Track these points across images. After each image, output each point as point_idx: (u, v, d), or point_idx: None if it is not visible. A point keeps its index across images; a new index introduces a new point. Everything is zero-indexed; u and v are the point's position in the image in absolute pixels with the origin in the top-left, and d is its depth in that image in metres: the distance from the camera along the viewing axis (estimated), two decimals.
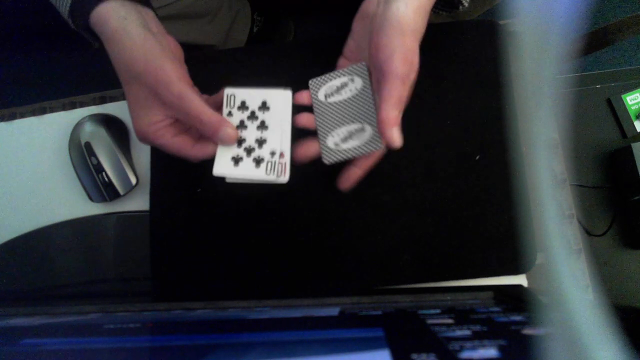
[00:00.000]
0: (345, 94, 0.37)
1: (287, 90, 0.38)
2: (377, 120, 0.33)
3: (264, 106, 0.37)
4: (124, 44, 0.33)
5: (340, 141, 0.37)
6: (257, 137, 0.37)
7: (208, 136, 0.35)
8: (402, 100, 0.33)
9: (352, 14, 0.38)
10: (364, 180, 0.43)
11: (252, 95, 0.38)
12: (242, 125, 0.37)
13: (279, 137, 0.37)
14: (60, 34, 1.08)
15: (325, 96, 0.38)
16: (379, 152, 0.37)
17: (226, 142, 0.36)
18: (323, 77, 0.39)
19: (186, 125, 0.37)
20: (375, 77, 0.35)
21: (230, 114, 0.37)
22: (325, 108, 0.38)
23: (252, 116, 0.37)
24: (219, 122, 0.34)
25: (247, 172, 0.36)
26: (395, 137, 0.32)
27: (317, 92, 0.38)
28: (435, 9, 0.43)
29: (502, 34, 0.44)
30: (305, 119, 0.39)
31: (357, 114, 0.37)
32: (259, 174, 0.36)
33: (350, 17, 0.38)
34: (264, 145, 0.37)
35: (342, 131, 0.37)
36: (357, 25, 0.37)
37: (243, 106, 0.37)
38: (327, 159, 0.37)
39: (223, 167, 0.37)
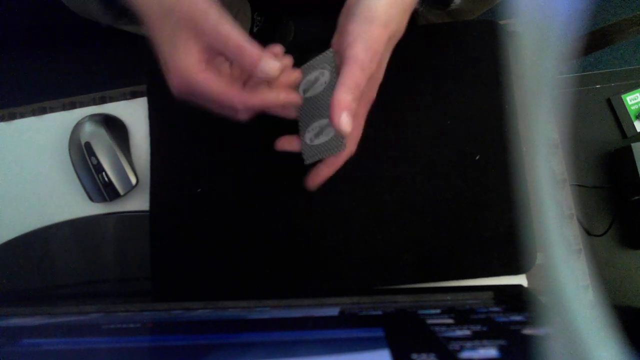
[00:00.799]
0: (317, 89, 0.36)
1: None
2: (329, 106, 0.31)
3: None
4: None
5: (314, 136, 0.36)
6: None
7: (248, 66, 0.32)
8: (358, 87, 0.31)
9: None
10: (363, 180, 0.43)
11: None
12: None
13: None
14: (60, 34, 1.09)
15: (303, 91, 0.37)
16: (347, 151, 0.36)
17: (269, 74, 0.32)
18: (301, 67, 0.37)
19: (225, 67, 0.34)
20: (339, 64, 0.34)
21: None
22: (305, 103, 0.37)
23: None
24: (261, 51, 0.31)
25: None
26: (343, 122, 0.31)
27: (299, 87, 0.37)
28: (426, 5, 0.42)
29: (502, 34, 0.44)
30: (281, 143, 0.38)
31: (327, 108, 0.35)
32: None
33: None
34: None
35: (315, 126, 0.36)
36: (340, 18, 0.36)
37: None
38: (306, 158, 0.36)
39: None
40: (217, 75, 0.32)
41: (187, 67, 0.31)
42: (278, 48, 0.35)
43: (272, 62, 0.31)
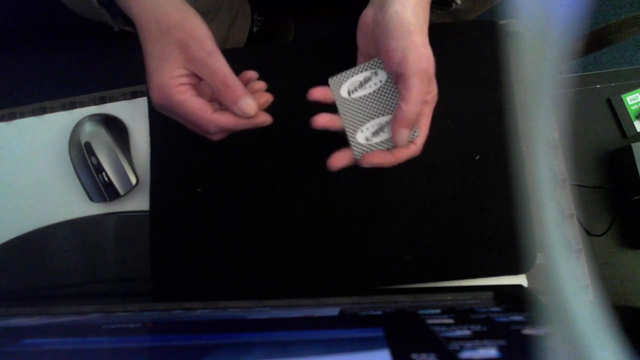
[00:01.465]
0: (370, 88, 0.36)
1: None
2: (393, 119, 0.34)
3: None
4: (157, 0, 0.33)
5: (371, 135, 0.36)
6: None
7: (228, 102, 0.33)
8: (421, 99, 0.33)
9: (351, 14, 0.38)
10: (364, 180, 0.43)
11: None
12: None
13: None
14: (60, 34, 1.09)
15: (349, 92, 0.37)
16: (415, 147, 0.36)
17: (246, 113, 0.34)
18: (343, 73, 0.37)
19: (206, 89, 0.35)
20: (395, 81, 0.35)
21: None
22: (350, 104, 0.37)
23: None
24: (243, 89, 0.33)
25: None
26: (400, 137, 0.33)
27: (338, 89, 0.37)
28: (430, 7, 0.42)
29: (502, 34, 0.44)
30: (324, 120, 0.37)
31: (385, 106, 0.36)
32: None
33: (350, 17, 0.38)
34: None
35: (372, 125, 0.36)
36: (360, 39, 0.37)
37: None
38: (359, 155, 0.37)
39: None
40: (195, 97, 0.33)
41: (169, 84, 0.33)
42: (252, 73, 0.37)
43: (250, 102, 0.34)
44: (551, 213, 0.12)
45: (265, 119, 0.36)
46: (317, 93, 0.37)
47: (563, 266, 0.12)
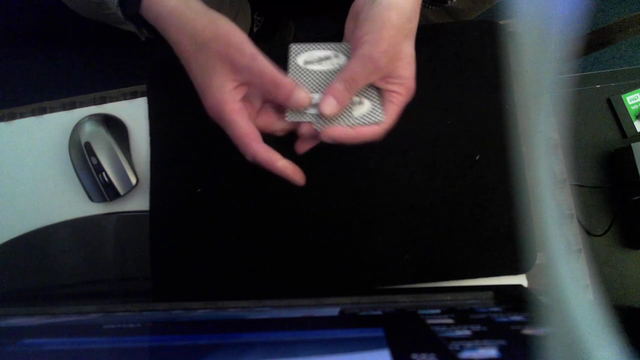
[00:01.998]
0: (326, 66, 0.37)
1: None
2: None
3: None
4: (186, 16, 0.33)
5: (311, 107, 0.36)
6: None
7: (281, 100, 0.34)
8: (354, 79, 0.33)
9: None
10: (364, 180, 0.43)
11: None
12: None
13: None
14: (60, 33, 1.09)
15: (305, 62, 0.37)
16: (370, 130, 0.36)
17: (299, 106, 0.34)
18: (306, 44, 0.38)
19: (257, 97, 0.36)
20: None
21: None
22: (302, 73, 0.37)
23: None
24: (293, 85, 0.34)
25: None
26: (325, 104, 0.33)
27: (296, 56, 0.37)
28: (424, 4, 0.42)
29: (502, 34, 0.44)
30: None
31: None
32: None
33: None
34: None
35: (316, 97, 0.36)
36: (349, 25, 0.37)
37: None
38: (290, 117, 0.36)
39: (295, 113, 0.36)
40: (246, 120, 0.34)
41: (221, 100, 0.33)
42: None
43: (303, 94, 0.34)
44: (551, 213, 0.12)
45: (299, 177, 0.36)
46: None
47: (563, 266, 0.12)
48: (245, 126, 0.34)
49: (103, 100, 0.50)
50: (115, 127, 0.48)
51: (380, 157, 0.43)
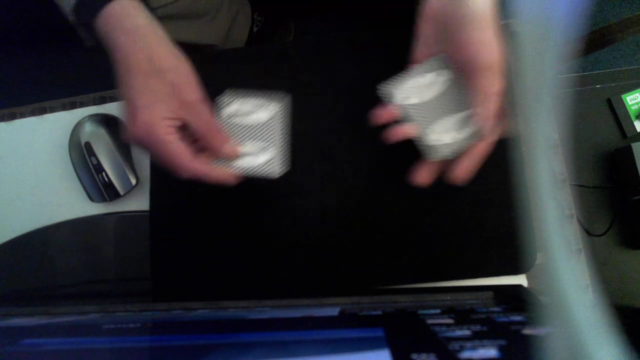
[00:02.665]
0: (433, 91, 0.36)
1: (278, 103, 0.39)
2: (473, 113, 0.34)
3: (258, 111, 0.39)
4: (151, 38, 0.34)
5: (438, 136, 0.36)
6: (256, 148, 0.39)
7: (214, 147, 0.36)
8: (494, 92, 0.33)
9: (351, 14, 0.38)
10: (364, 180, 0.43)
11: (246, 105, 0.39)
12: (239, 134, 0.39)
13: (277, 146, 0.39)
14: (60, 33, 1.08)
15: (403, 99, 0.36)
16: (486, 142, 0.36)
17: (229, 156, 0.37)
18: (401, 81, 0.37)
19: (190, 134, 0.37)
20: (463, 74, 0.35)
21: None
22: (416, 108, 0.37)
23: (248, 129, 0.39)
24: (226, 135, 0.36)
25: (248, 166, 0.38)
26: (487, 129, 0.34)
27: (403, 96, 0.37)
28: None
29: (502, 34, 0.44)
30: (402, 132, 0.36)
31: (457, 104, 0.36)
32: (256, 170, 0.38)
33: (350, 17, 0.38)
34: (262, 153, 0.39)
35: (439, 125, 0.36)
36: (426, 28, 0.36)
37: (242, 116, 0.39)
38: (433, 155, 0.36)
39: (220, 163, 0.38)
40: (180, 140, 0.35)
41: (158, 123, 0.34)
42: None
43: (233, 147, 0.37)
44: (551, 213, 0.12)
45: (229, 179, 0.38)
46: (385, 115, 0.36)
47: (563, 266, 0.12)
48: (180, 145, 0.35)
49: (103, 100, 0.50)
50: (115, 127, 0.48)
51: (379, 157, 0.43)
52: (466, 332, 0.23)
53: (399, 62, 0.39)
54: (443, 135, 0.36)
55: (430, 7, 0.35)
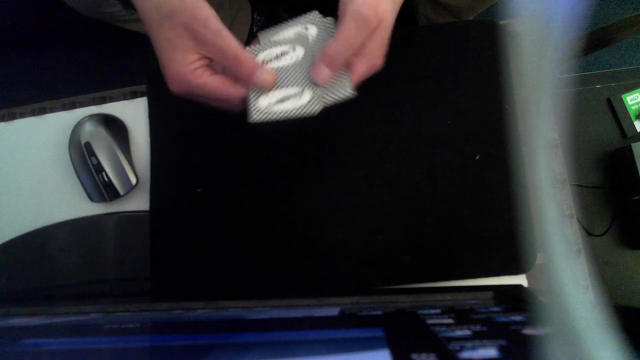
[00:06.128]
0: (286, 61, 0.36)
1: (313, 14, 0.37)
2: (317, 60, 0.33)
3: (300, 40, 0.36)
4: None
5: (275, 102, 0.35)
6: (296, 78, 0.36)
7: (244, 78, 0.34)
8: (351, 44, 0.32)
9: None
10: (364, 180, 0.43)
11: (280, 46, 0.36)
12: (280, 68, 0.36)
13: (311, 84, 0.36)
14: (60, 34, 1.09)
15: (264, 61, 0.36)
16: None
17: (263, 86, 0.34)
18: (265, 39, 0.37)
19: (221, 68, 0.35)
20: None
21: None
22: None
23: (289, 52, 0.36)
24: (256, 64, 0.33)
25: (288, 108, 0.35)
26: (320, 74, 0.33)
27: (255, 56, 0.36)
28: None
29: (502, 34, 0.44)
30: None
31: (296, 80, 0.36)
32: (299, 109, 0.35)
33: None
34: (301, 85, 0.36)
35: (279, 93, 0.35)
36: None
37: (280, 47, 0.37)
38: (255, 118, 0.35)
39: (261, 112, 0.35)
40: (213, 76, 0.33)
41: (185, 72, 0.32)
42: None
43: (266, 74, 0.33)
44: (551, 213, 0.12)
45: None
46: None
47: (563, 266, 0.12)
48: (216, 79, 0.33)
49: (103, 100, 0.50)
50: (115, 127, 0.48)
51: (380, 157, 0.43)
52: (466, 332, 0.23)
53: (396, 60, 0.39)
54: (272, 101, 0.35)
55: None
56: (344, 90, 0.35)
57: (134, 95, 0.50)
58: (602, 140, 0.55)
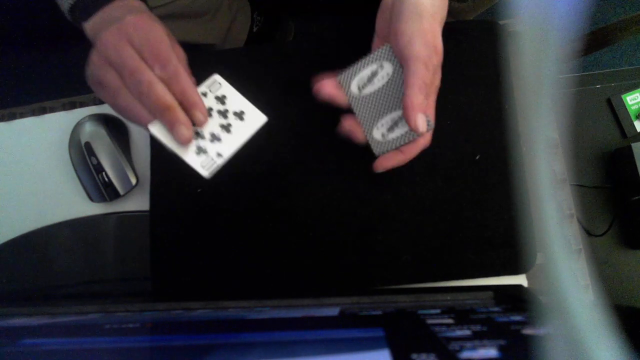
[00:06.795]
0: (379, 82, 0.36)
1: (264, 117, 0.37)
2: (403, 107, 0.33)
3: (239, 114, 0.37)
4: (130, 5, 0.33)
5: (387, 131, 0.36)
6: (215, 132, 0.36)
7: (186, 106, 0.33)
8: (426, 84, 0.33)
9: (351, 14, 0.38)
10: (364, 180, 0.43)
11: (235, 98, 0.37)
12: (208, 111, 0.36)
13: (233, 146, 0.36)
14: (60, 33, 1.08)
15: (359, 88, 0.37)
16: (424, 140, 0.37)
17: (196, 123, 0.34)
18: (350, 69, 0.37)
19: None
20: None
21: (205, 94, 0.36)
22: (363, 101, 0.37)
23: (223, 114, 0.36)
24: (200, 99, 0.33)
25: (183, 151, 0.35)
26: (419, 123, 0.33)
27: (349, 86, 0.37)
28: None
29: (502, 34, 0.44)
30: (348, 124, 0.37)
31: (397, 100, 0.36)
32: (192, 160, 0.35)
33: (350, 16, 0.38)
34: (215, 143, 0.36)
35: (386, 120, 0.36)
36: (379, 20, 0.37)
37: (221, 100, 0.37)
38: (378, 151, 0.37)
39: (162, 131, 0.34)
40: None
41: (109, 34, 0.31)
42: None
43: (200, 115, 0.33)
44: (551, 213, 0.12)
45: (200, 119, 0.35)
46: (327, 87, 0.36)
47: (563, 266, 0.12)
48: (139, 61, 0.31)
49: (103, 101, 0.50)
50: (115, 127, 0.48)
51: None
52: (466, 332, 0.23)
53: None
54: (384, 132, 0.36)
55: (383, 1, 0.36)
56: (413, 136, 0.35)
57: None
58: (602, 140, 0.55)
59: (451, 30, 0.45)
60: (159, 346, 0.25)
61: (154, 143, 0.47)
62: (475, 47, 0.44)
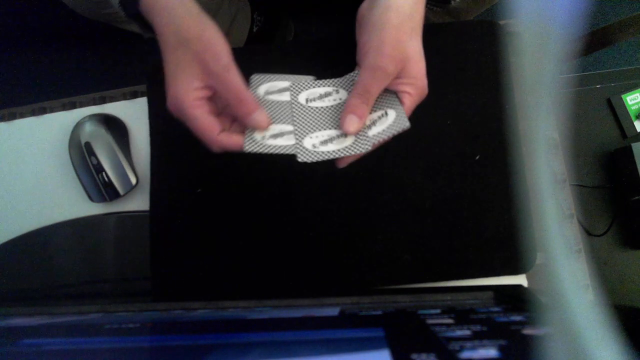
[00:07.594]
0: (329, 102, 0.38)
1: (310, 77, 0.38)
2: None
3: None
4: (177, 12, 0.34)
5: (319, 143, 0.37)
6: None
7: (241, 116, 0.35)
8: (368, 91, 0.34)
9: (351, 14, 0.38)
10: (364, 180, 0.43)
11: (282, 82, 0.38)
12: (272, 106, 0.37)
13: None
14: (60, 33, 1.09)
15: (307, 100, 0.38)
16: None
17: (256, 126, 0.35)
18: (308, 82, 0.39)
19: (221, 104, 0.36)
20: None
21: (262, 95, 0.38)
22: (307, 111, 0.38)
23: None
24: (256, 105, 0.35)
25: (280, 146, 0.36)
26: (347, 122, 0.34)
27: (297, 95, 0.38)
28: (428, 5, 0.43)
29: (502, 34, 0.44)
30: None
31: (338, 122, 0.37)
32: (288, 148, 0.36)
33: (350, 17, 0.38)
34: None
35: (322, 134, 0.37)
36: (357, 31, 0.38)
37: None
38: (302, 158, 0.37)
39: (254, 144, 0.36)
40: (207, 114, 0.34)
41: (183, 95, 0.33)
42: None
43: (263, 116, 0.35)
44: (551, 213, 0.12)
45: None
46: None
47: (563, 266, 0.12)
48: (207, 120, 0.34)
49: (103, 100, 0.50)
50: (115, 127, 0.48)
51: (380, 157, 0.43)
52: (466, 332, 0.23)
53: None
54: (316, 143, 0.37)
55: (358, 12, 0.37)
56: (402, 124, 0.36)
57: (134, 95, 0.50)
58: (602, 140, 0.55)
59: (451, 30, 0.45)
60: (159, 346, 0.25)
61: (154, 143, 0.47)
62: (475, 47, 0.44)
